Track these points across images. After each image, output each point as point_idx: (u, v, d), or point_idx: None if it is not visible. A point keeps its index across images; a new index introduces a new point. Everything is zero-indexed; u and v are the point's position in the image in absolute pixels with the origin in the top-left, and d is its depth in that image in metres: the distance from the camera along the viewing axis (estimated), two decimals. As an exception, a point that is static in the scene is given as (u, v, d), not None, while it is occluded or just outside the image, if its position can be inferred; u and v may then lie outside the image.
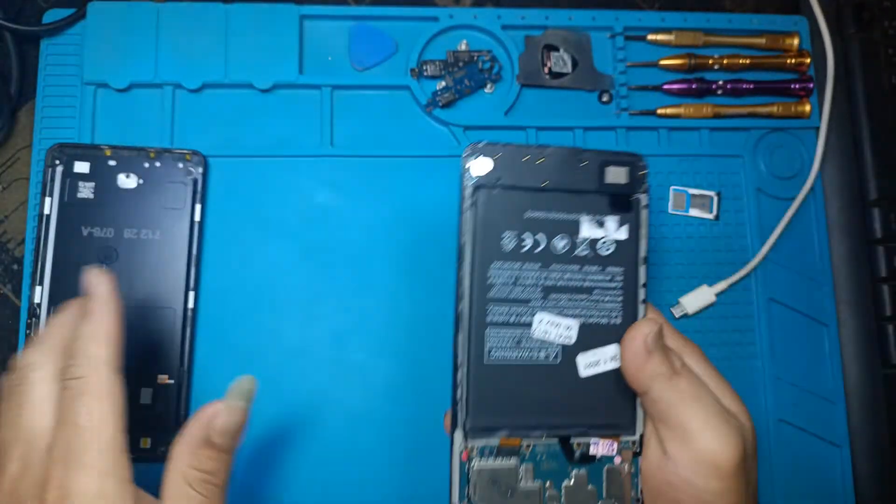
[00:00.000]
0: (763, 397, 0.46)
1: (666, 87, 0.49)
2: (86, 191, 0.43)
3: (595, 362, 0.32)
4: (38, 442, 0.28)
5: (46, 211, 0.42)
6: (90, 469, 0.27)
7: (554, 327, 0.32)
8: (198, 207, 0.43)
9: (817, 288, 0.48)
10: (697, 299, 0.46)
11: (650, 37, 0.49)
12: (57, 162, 0.42)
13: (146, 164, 0.43)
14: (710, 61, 0.49)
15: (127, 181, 0.43)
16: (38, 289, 0.41)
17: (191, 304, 0.42)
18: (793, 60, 0.49)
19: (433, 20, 0.48)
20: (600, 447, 0.32)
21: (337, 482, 0.42)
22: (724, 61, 0.49)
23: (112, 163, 0.43)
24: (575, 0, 0.51)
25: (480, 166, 0.32)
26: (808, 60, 0.49)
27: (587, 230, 0.33)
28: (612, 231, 0.33)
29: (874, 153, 0.48)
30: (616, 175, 0.33)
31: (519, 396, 0.32)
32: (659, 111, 0.48)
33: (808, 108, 0.49)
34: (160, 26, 0.45)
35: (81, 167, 0.43)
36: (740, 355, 0.46)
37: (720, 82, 0.49)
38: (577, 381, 0.32)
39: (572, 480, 0.32)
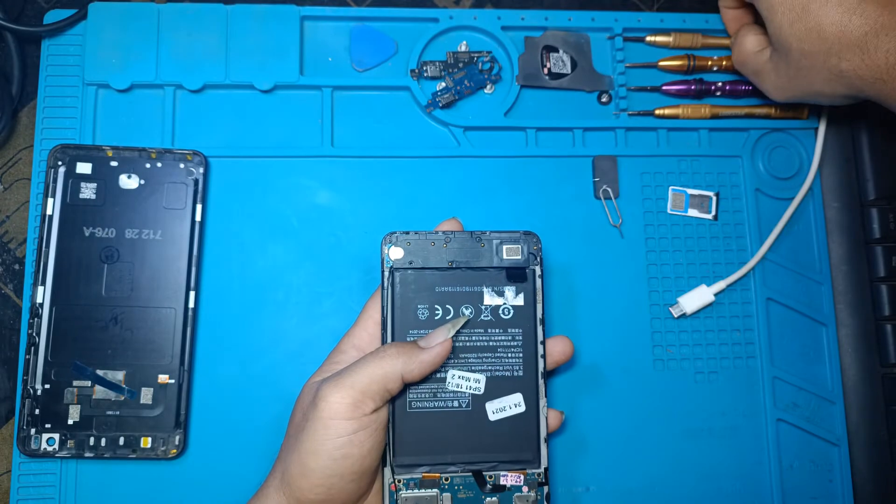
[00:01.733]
0: (762, 397, 0.46)
1: (665, 87, 0.49)
2: (88, 191, 0.43)
3: (502, 408, 0.38)
4: None
5: (49, 211, 0.42)
6: None
7: (464, 380, 0.38)
8: (199, 207, 0.44)
9: (816, 288, 0.48)
10: (696, 299, 0.46)
11: (649, 38, 0.49)
12: (59, 163, 0.43)
13: (147, 165, 0.43)
14: (710, 62, 0.49)
15: (128, 181, 0.43)
16: (40, 289, 0.42)
17: (191, 304, 0.43)
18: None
19: (433, 21, 0.48)
20: (510, 479, 0.38)
21: None
22: (724, 63, 0.49)
23: (114, 163, 0.43)
24: (574, 1, 0.51)
25: (395, 253, 0.38)
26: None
27: (489, 299, 0.39)
28: (511, 299, 0.39)
29: (872, 153, 0.48)
30: (511, 252, 0.39)
31: (437, 438, 0.37)
32: (657, 112, 0.48)
33: (805, 109, 0.49)
34: (161, 27, 0.46)
35: (83, 168, 0.43)
36: (739, 355, 0.46)
37: (719, 83, 0.49)
38: (487, 424, 0.38)
39: None
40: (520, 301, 0.39)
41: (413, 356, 0.35)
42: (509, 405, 0.38)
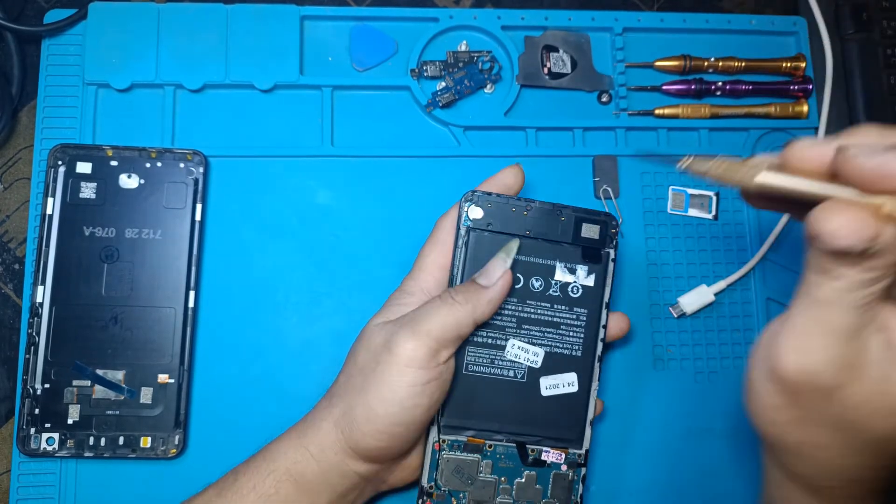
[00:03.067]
0: (762, 397, 0.46)
1: (665, 87, 0.49)
2: (88, 191, 0.43)
3: (555, 385, 0.38)
4: None
5: (49, 211, 0.42)
6: None
7: (523, 352, 0.38)
8: (198, 207, 0.43)
9: (816, 288, 0.48)
10: (696, 299, 0.46)
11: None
12: (59, 162, 0.43)
13: (147, 165, 0.43)
14: (706, 64, 0.49)
15: (128, 181, 0.43)
16: (40, 288, 0.42)
17: (191, 304, 0.43)
18: (788, 64, 0.49)
19: (433, 21, 0.48)
20: (551, 455, 0.38)
21: None
22: (720, 64, 0.49)
23: (114, 163, 0.43)
24: (574, 1, 0.51)
25: (474, 212, 0.38)
26: (804, 64, 0.49)
27: (560, 275, 0.38)
28: (582, 278, 0.39)
29: (873, 153, 0.48)
30: (589, 231, 0.39)
31: (488, 405, 0.38)
32: (657, 111, 0.48)
33: (805, 108, 0.49)
34: (161, 27, 0.46)
35: (83, 167, 0.43)
36: (739, 355, 0.46)
37: (719, 83, 0.49)
38: (539, 398, 0.38)
39: (524, 479, 0.38)
40: (590, 282, 0.38)
41: (480, 298, 0.35)
42: (563, 383, 0.38)
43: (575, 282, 0.38)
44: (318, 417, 0.36)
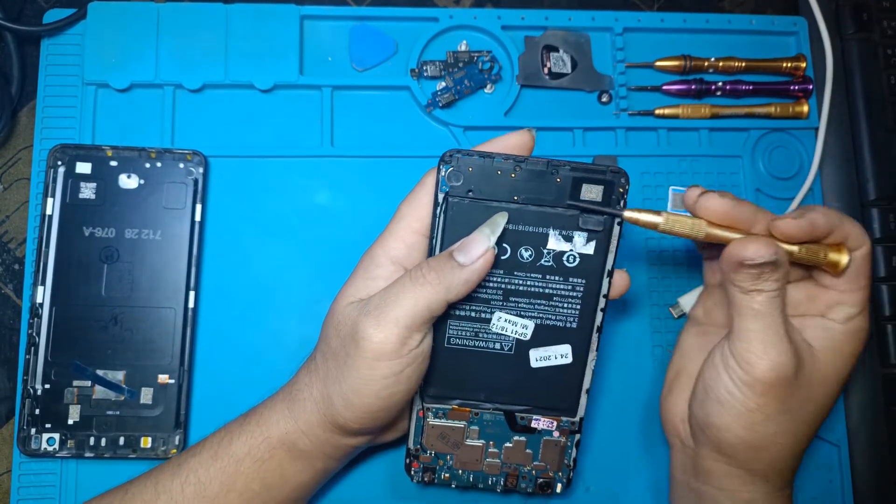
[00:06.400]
0: (762, 397, 0.46)
1: (665, 87, 0.49)
2: (87, 191, 0.43)
3: (546, 356, 0.36)
4: None
5: (48, 211, 0.42)
6: None
7: (511, 325, 0.36)
8: (198, 207, 0.43)
9: (816, 288, 0.48)
10: (696, 299, 0.46)
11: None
12: (59, 162, 0.43)
13: (147, 165, 0.43)
14: (706, 63, 0.49)
15: (128, 181, 0.43)
16: (39, 289, 0.42)
17: (191, 304, 0.43)
18: (789, 64, 0.49)
19: (433, 21, 0.48)
20: (542, 423, 0.37)
21: (338, 481, 0.43)
22: (720, 64, 0.49)
23: (113, 163, 0.43)
24: (574, 1, 0.51)
25: (453, 177, 0.34)
26: (804, 64, 0.49)
27: (554, 243, 0.35)
28: (580, 246, 0.35)
29: (873, 154, 0.48)
30: (590, 192, 0.34)
31: (473, 376, 0.36)
32: (657, 112, 0.48)
33: (806, 108, 0.49)
34: (161, 27, 0.46)
35: (83, 168, 0.43)
36: (739, 355, 0.46)
37: (719, 83, 0.49)
38: (528, 370, 0.36)
39: (512, 444, 0.38)
40: (589, 249, 0.34)
41: (455, 277, 0.32)
42: (556, 355, 0.36)
43: (571, 250, 0.34)
44: (302, 395, 0.36)
